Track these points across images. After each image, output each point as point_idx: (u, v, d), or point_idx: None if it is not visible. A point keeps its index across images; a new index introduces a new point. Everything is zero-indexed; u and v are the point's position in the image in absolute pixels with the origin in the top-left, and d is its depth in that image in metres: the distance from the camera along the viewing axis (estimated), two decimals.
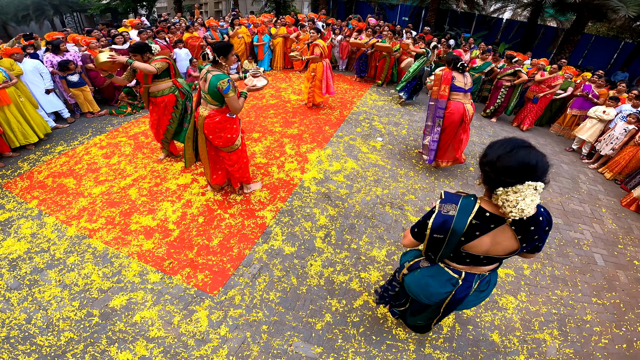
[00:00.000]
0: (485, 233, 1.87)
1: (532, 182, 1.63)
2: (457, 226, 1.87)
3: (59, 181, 5.02)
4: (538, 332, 3.61)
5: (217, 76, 3.63)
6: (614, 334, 3.73)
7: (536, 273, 4.34)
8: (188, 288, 3.55)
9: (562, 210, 5.60)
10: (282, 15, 15.01)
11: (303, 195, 5.04)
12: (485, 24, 17.20)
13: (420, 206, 5.10)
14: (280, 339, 3.19)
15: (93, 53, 6.75)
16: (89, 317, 3.22)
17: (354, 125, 7.45)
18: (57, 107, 6.53)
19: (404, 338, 3.34)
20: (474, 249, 1.95)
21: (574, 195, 6.10)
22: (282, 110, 7.85)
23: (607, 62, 14.76)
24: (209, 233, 4.21)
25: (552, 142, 8.18)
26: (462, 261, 2.11)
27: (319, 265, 3.95)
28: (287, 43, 10.96)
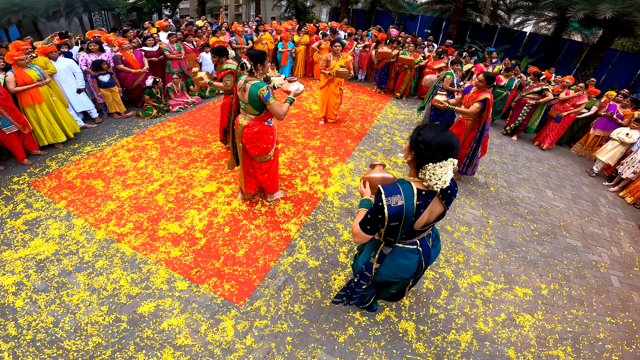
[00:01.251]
0: (426, 207, 2.20)
1: (453, 159, 2.01)
2: (408, 212, 2.13)
3: (87, 182, 5.13)
4: (552, 349, 3.67)
5: (256, 85, 3.68)
6: (625, 352, 3.81)
7: (553, 293, 4.38)
8: (215, 297, 3.62)
9: (581, 233, 5.61)
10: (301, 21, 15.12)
11: (326, 209, 5.10)
12: (507, 37, 17.02)
13: (441, 225, 5.14)
14: (304, 351, 3.24)
15: (125, 54, 6.92)
16: (118, 323, 3.29)
17: (375, 140, 7.50)
18: (87, 107, 6.69)
19: (423, 352, 3.40)
20: (419, 224, 2.28)
21: (593, 218, 6.09)
22: (304, 121, 7.93)
23: (631, 78, 14.44)
24: (235, 243, 4.29)
25: (573, 162, 8.15)
26: (413, 236, 2.48)
27: (342, 279, 4.01)
28: (308, 51, 11.07)
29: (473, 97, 5.39)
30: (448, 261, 4.55)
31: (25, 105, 5.31)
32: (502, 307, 4.06)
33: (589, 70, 13.09)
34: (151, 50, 7.46)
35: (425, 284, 4.16)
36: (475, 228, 5.23)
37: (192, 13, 24.25)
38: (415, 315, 3.77)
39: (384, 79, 10.51)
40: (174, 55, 7.71)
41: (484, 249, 4.86)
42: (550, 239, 5.33)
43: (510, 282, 4.42)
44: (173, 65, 7.85)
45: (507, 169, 7.16)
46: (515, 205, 5.97)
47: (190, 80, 8.23)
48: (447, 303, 3.98)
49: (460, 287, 4.23)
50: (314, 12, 25.68)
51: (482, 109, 5.28)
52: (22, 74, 5.16)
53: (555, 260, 4.94)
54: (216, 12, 29.94)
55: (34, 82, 5.25)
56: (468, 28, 17.87)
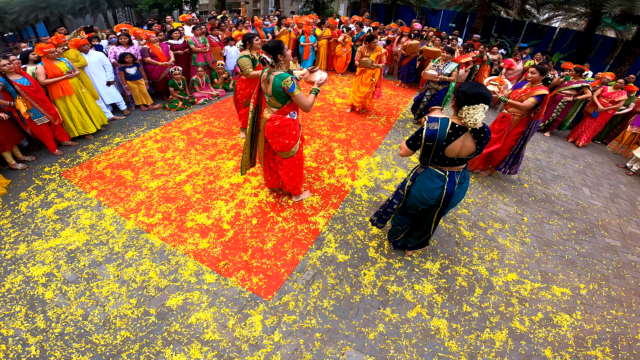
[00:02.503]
0: (457, 138, 2.89)
1: (484, 105, 2.69)
2: (440, 135, 2.89)
3: (117, 172, 5.17)
4: (590, 349, 3.57)
5: (279, 76, 3.54)
6: None
7: (592, 293, 4.24)
8: (243, 291, 3.57)
9: (620, 233, 5.39)
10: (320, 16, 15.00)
11: (354, 202, 5.01)
12: (536, 32, 16.52)
13: (474, 221, 4.99)
14: (333, 348, 3.17)
15: (152, 47, 6.94)
16: (146, 316, 3.26)
17: (401, 133, 7.36)
18: (116, 99, 6.76)
19: (455, 351, 3.31)
20: (451, 151, 2.98)
21: (632, 218, 5.84)
22: (329, 114, 7.84)
23: None
24: (263, 236, 4.23)
25: (609, 160, 7.84)
26: (443, 163, 3.12)
27: (372, 274, 3.92)
28: (331, 45, 10.95)
29: (527, 92, 5.15)
30: (482, 258, 4.42)
31: (56, 97, 5.35)
32: (539, 306, 3.94)
33: (624, 67, 12.62)
34: (177, 43, 7.49)
35: (458, 281, 4.04)
36: (510, 225, 5.06)
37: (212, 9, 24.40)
38: (448, 312, 3.68)
39: (411, 74, 10.30)
40: (200, 48, 7.70)
41: (519, 247, 4.70)
42: (589, 238, 5.14)
43: (547, 281, 4.28)
44: (198, 58, 7.84)
45: (540, 166, 6.92)
46: (551, 202, 5.77)
47: (215, 73, 8.23)
48: (481, 301, 3.87)
49: (495, 285, 4.10)
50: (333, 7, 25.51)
51: (537, 104, 5.07)
52: (51, 66, 5.20)
53: (594, 259, 4.77)
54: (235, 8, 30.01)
55: (63, 75, 5.29)
56: (494, 23, 17.45)
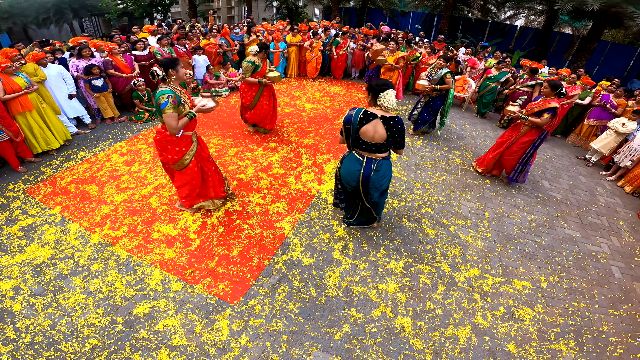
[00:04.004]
0: (368, 122, 3.49)
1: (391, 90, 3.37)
2: (354, 119, 3.52)
3: (81, 187, 5.16)
4: (554, 343, 3.67)
5: (161, 92, 3.59)
6: (629, 345, 3.81)
7: (553, 285, 4.39)
8: (209, 297, 3.65)
9: (579, 224, 5.63)
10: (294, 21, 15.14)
11: (320, 206, 5.12)
12: (499, 31, 17.19)
13: (437, 219, 5.16)
14: (299, 349, 3.27)
15: (114, 59, 6.93)
16: (113, 325, 3.32)
17: None
18: (80, 113, 6.71)
19: (420, 349, 3.41)
20: (365, 135, 3.55)
21: (591, 208, 6.11)
22: (298, 120, 7.96)
23: (623, 69, 14.62)
24: (229, 243, 4.31)
25: (569, 152, 8.20)
26: (361, 148, 3.69)
27: (337, 276, 4.03)
28: (301, 51, 11.09)
29: (539, 105, 5.36)
30: (444, 255, 4.57)
31: (16, 113, 5.32)
32: (500, 300, 4.07)
33: (581, 63, 13.18)
34: (141, 54, 7.49)
35: (422, 279, 4.17)
36: (472, 221, 5.25)
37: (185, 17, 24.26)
38: (411, 311, 3.79)
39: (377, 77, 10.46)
40: None
41: (480, 242, 4.87)
42: (549, 230, 5.34)
43: (508, 275, 4.43)
44: None
45: None
46: (512, 196, 6.00)
47: (183, 83, 8.24)
48: (444, 298, 4.00)
49: (458, 281, 4.24)
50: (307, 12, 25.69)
51: (552, 118, 5.26)
52: (9, 81, 5.16)
53: (554, 251, 4.95)
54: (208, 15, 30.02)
55: (22, 90, 5.26)
56: (460, 23, 17.98)
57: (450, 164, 6.76)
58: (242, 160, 6.02)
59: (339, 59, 11.06)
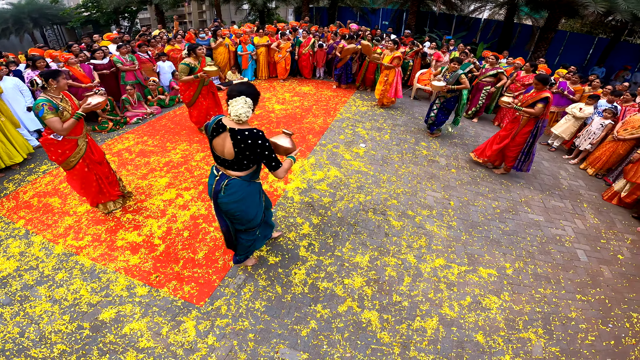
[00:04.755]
0: (218, 135, 2.93)
1: (245, 97, 2.80)
2: (209, 127, 2.98)
3: (44, 200, 5.11)
4: (523, 332, 3.71)
5: (37, 101, 3.77)
6: (601, 331, 3.84)
7: (518, 272, 4.47)
8: (175, 300, 3.68)
9: (543, 207, 5.79)
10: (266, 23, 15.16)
11: (287, 205, 5.18)
12: (464, 24, 17.63)
13: (403, 210, 5.28)
14: (266, 347, 3.32)
15: (71, 69, 6.83)
16: (80, 330, 3.35)
17: (337, 133, 7.63)
18: (40, 125, 6.58)
19: (388, 342, 3.46)
20: (215, 148, 3.02)
21: (554, 191, 6.30)
22: (266, 121, 8.01)
23: (584, 58, 15.25)
24: (195, 246, 4.34)
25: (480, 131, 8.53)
26: (217, 161, 3.13)
27: (303, 273, 4.10)
28: (270, 52, 11.12)
29: (533, 96, 5.63)
30: (410, 246, 4.66)
31: None
32: (467, 290, 4.14)
33: (541, 53, 13.65)
34: (101, 63, 7.41)
35: (388, 272, 4.25)
36: (437, 210, 5.38)
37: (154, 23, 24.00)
38: (378, 304, 3.84)
39: (348, 75, 10.63)
40: (127, 66, 7.67)
41: (446, 231, 4.99)
42: (512, 216, 5.49)
43: (473, 264, 4.52)
44: (127, 76, 7.79)
45: (468, 149, 7.36)
46: (477, 184, 6.16)
47: (147, 90, 8.20)
48: (410, 289, 4.06)
49: (423, 272, 4.31)
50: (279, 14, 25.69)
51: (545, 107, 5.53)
52: None
53: (519, 237, 5.06)
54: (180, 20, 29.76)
55: None
56: (427, 18, 18.30)
57: (417, 156, 6.92)
58: (209, 165, 6.03)
59: (302, 58, 11.15)
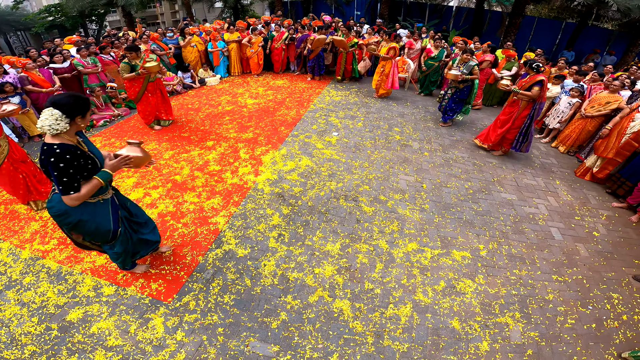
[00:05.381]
0: None
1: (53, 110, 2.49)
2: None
3: (10, 208, 5.03)
4: (499, 316, 3.68)
5: None
6: (581, 313, 3.80)
7: (493, 253, 4.47)
8: (142, 298, 3.66)
9: (515, 186, 5.86)
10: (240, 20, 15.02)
11: (257, 197, 5.17)
12: (437, 12, 17.75)
13: (375, 195, 5.30)
14: (236, 340, 3.30)
15: (30, 74, 6.70)
16: (49, 331, 3.33)
17: (310, 123, 7.63)
18: None
19: (361, 331, 3.44)
20: None
21: (527, 170, 6.39)
22: (238, 116, 7.97)
23: (553, 43, 15.66)
24: (162, 244, 4.29)
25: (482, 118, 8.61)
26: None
27: (272, 264, 4.09)
28: (242, 48, 11.04)
29: (528, 81, 5.91)
30: (382, 232, 4.67)
31: None
32: (440, 274, 4.12)
33: (511, 38, 13.96)
34: (61, 67, 7.30)
35: (359, 259, 4.23)
36: (410, 194, 5.40)
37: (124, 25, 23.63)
38: (349, 292, 3.82)
39: (321, 67, 10.62)
40: (89, 69, 7.57)
41: (418, 214, 5.01)
42: (485, 196, 5.54)
43: (447, 246, 4.52)
44: (91, 79, 7.70)
45: (440, 133, 7.46)
46: (449, 166, 6.22)
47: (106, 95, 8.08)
48: (382, 276, 4.04)
49: (396, 257, 4.29)
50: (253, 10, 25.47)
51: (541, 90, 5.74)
52: None
53: (492, 217, 5.09)
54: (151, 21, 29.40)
55: None
56: (401, 7, 18.38)
57: (390, 141, 6.96)
58: (178, 162, 5.99)
59: (274, 52, 11.09)
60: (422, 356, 3.27)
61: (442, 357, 3.28)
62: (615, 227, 5.20)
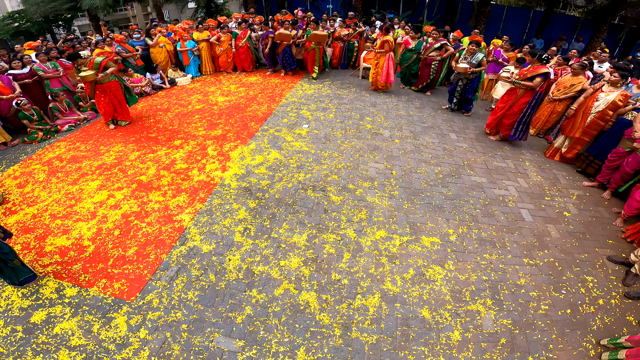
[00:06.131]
0: None
1: None
2: None
3: None
4: (470, 304, 3.67)
5: None
6: (554, 298, 3.78)
7: (462, 238, 4.51)
8: (105, 297, 3.67)
9: (485, 169, 5.96)
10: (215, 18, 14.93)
11: (223, 193, 5.19)
12: (411, 3, 18.03)
13: (344, 185, 5.35)
14: (200, 336, 3.32)
15: None
16: (14, 333, 3.36)
17: (280, 117, 7.66)
18: None
19: (328, 323, 3.45)
20: None
21: (496, 153, 6.50)
22: (208, 114, 7.95)
23: (523, 31, 16.29)
24: (125, 244, 4.31)
25: (477, 105, 8.74)
26: None
27: (237, 259, 4.11)
28: (212, 46, 11.00)
29: (530, 70, 6.11)
30: (350, 220, 4.70)
31: None
32: (409, 261, 4.14)
33: (481, 26, 14.29)
34: (21, 72, 7.17)
35: (326, 249, 4.25)
36: (379, 181, 5.46)
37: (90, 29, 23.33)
38: (316, 284, 3.84)
39: (290, 60, 10.55)
40: (50, 74, 7.47)
41: (387, 202, 5.06)
42: (455, 180, 5.62)
43: (416, 233, 4.55)
44: (53, 84, 7.58)
45: (412, 121, 7.55)
46: (420, 152, 6.29)
47: (77, 96, 7.99)
48: (350, 266, 4.05)
49: (364, 246, 4.32)
50: (228, 9, 25.34)
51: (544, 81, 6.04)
52: None
53: (461, 200, 5.16)
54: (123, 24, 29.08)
55: None
56: None
57: (361, 130, 7.04)
58: (144, 163, 5.97)
59: (239, 51, 10.99)
60: (392, 347, 3.27)
61: (412, 348, 3.27)
62: (587, 207, 5.28)
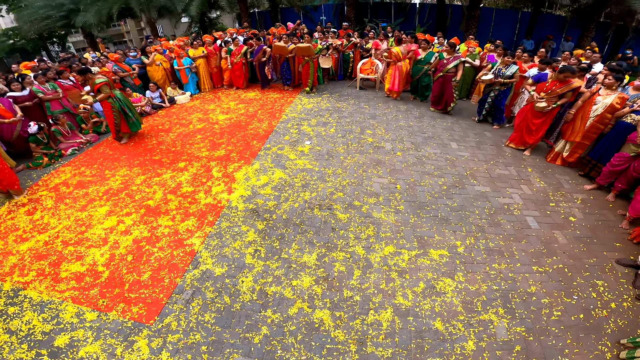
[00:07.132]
0: None
1: None
2: None
3: None
4: (482, 313, 3.77)
5: None
6: (566, 304, 3.87)
7: (470, 249, 4.63)
8: (125, 321, 3.82)
9: (488, 178, 6.11)
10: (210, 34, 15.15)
11: (231, 215, 5.34)
12: (402, 10, 18.44)
13: (349, 202, 5.51)
14: (220, 357, 3.46)
15: None
16: (39, 357, 3.50)
17: (282, 134, 7.85)
18: None
19: (343, 340, 3.56)
20: None
21: (499, 160, 6.67)
22: (210, 133, 8.13)
23: (513, 33, 16.75)
24: (139, 269, 4.47)
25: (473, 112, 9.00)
26: None
27: (250, 280, 4.26)
28: (210, 62, 11.17)
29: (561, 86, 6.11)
30: (358, 238, 4.84)
31: None
32: (419, 275, 4.26)
33: (472, 31, 14.54)
34: (21, 95, 7.18)
35: (336, 267, 4.39)
36: (384, 196, 5.62)
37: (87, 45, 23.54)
38: (329, 302, 3.96)
39: (287, 75, 10.82)
40: (50, 95, 7.53)
41: (393, 217, 5.21)
42: (459, 190, 5.77)
43: (424, 246, 4.68)
44: (53, 106, 7.65)
45: (412, 131, 7.77)
46: (422, 164, 6.47)
47: (79, 118, 8.14)
48: (361, 283, 4.18)
49: (373, 262, 4.45)
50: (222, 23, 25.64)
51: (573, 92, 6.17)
52: None
53: (467, 211, 5.30)
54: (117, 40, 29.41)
55: None
56: (367, 8, 19.06)
57: (363, 144, 7.23)
58: (150, 187, 6.13)
59: (234, 67, 11.04)
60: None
61: (427, 359, 3.43)
62: (592, 210, 5.39)
